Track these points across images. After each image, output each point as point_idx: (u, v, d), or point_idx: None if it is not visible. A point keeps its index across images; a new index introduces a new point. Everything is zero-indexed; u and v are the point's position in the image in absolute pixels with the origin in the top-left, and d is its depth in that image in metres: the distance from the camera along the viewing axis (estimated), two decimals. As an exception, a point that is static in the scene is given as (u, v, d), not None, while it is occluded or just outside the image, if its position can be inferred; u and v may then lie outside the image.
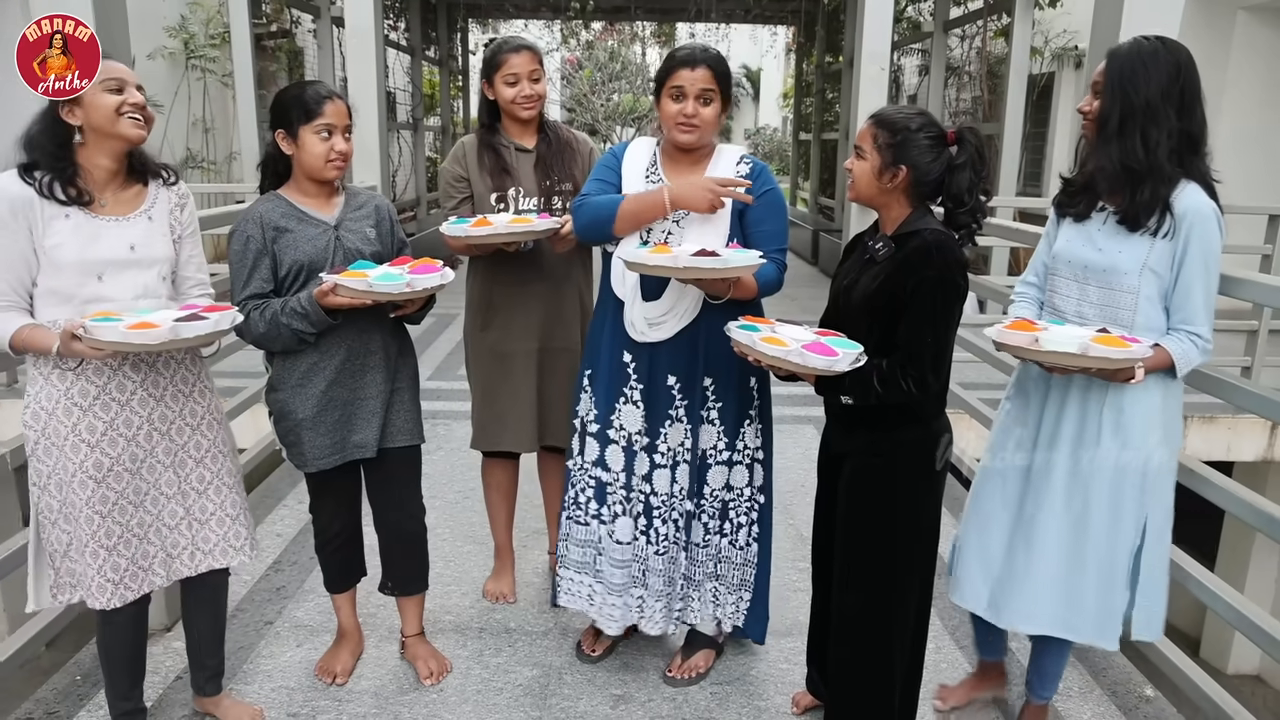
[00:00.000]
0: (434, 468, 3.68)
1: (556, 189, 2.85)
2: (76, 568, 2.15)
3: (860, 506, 2.19)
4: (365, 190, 2.60)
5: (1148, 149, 2.08)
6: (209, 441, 2.31)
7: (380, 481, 2.60)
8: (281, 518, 3.85)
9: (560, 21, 13.67)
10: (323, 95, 2.33)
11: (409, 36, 11.64)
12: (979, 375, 4.80)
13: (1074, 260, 2.23)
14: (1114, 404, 2.17)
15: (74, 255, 2.04)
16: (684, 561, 2.60)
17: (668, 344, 2.44)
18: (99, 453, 2.11)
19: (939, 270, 2.01)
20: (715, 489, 2.57)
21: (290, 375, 2.42)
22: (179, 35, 9.24)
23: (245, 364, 4.35)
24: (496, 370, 2.94)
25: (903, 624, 2.22)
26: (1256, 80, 8.16)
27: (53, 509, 2.12)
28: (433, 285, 2.27)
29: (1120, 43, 2.17)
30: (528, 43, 2.83)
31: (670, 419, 2.50)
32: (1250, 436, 5.57)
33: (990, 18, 8.89)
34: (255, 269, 2.35)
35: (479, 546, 3.53)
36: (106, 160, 2.09)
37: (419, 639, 2.78)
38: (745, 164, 2.48)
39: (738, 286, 2.32)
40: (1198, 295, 2.11)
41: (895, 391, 2.02)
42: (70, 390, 2.08)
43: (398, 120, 11.62)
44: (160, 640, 2.87)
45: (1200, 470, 2.61)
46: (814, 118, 12.64)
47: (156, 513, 2.23)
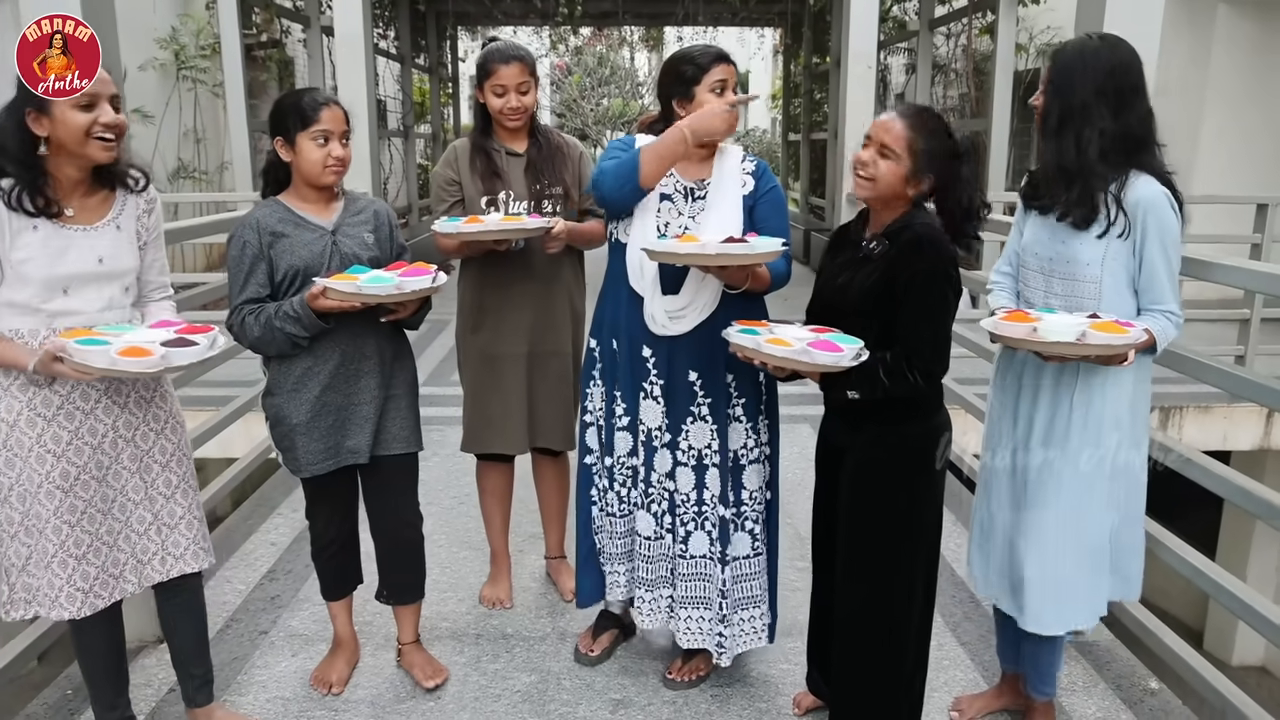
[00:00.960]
0: (429, 474, 3.65)
1: (546, 193, 2.85)
2: (34, 582, 2.11)
3: (864, 500, 2.19)
4: (365, 196, 2.59)
5: (1079, 148, 2.12)
6: (173, 445, 2.29)
7: (376, 488, 2.58)
8: (276, 526, 3.82)
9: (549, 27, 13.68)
10: (319, 102, 2.33)
11: (399, 44, 11.63)
12: (974, 370, 4.79)
13: (1039, 253, 2.28)
14: (1083, 397, 2.19)
15: (42, 270, 2.01)
16: (723, 578, 2.52)
17: (687, 339, 2.44)
18: (65, 462, 2.08)
19: (931, 262, 2.05)
20: (753, 490, 2.54)
21: (285, 380, 2.41)
22: (170, 46, 9.21)
23: (236, 373, 4.34)
24: (486, 372, 2.93)
25: (906, 618, 2.21)
26: (1237, 74, 8.20)
27: (13, 521, 2.08)
28: (421, 288, 2.25)
29: (1068, 40, 2.23)
30: (519, 52, 2.81)
31: (693, 415, 2.48)
32: (1246, 425, 5.60)
33: (975, 15, 8.90)
34: (252, 273, 2.34)
35: (475, 552, 3.50)
36: (73, 170, 2.06)
37: (415, 646, 2.75)
38: (750, 161, 2.53)
39: (754, 277, 2.36)
40: (1162, 275, 2.15)
41: (902, 384, 2.05)
42: (33, 400, 2.05)
43: (388, 128, 11.61)
44: (152, 652, 2.84)
45: (1198, 459, 2.59)
46: (803, 118, 12.65)
47: (125, 519, 2.20)
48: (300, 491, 4.06)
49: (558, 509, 3.25)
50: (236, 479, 3.79)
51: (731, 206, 2.46)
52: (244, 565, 3.47)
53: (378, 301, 2.24)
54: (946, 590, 3.27)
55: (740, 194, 2.48)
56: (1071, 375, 2.19)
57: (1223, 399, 5.36)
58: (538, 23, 12.91)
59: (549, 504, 3.25)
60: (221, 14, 7.59)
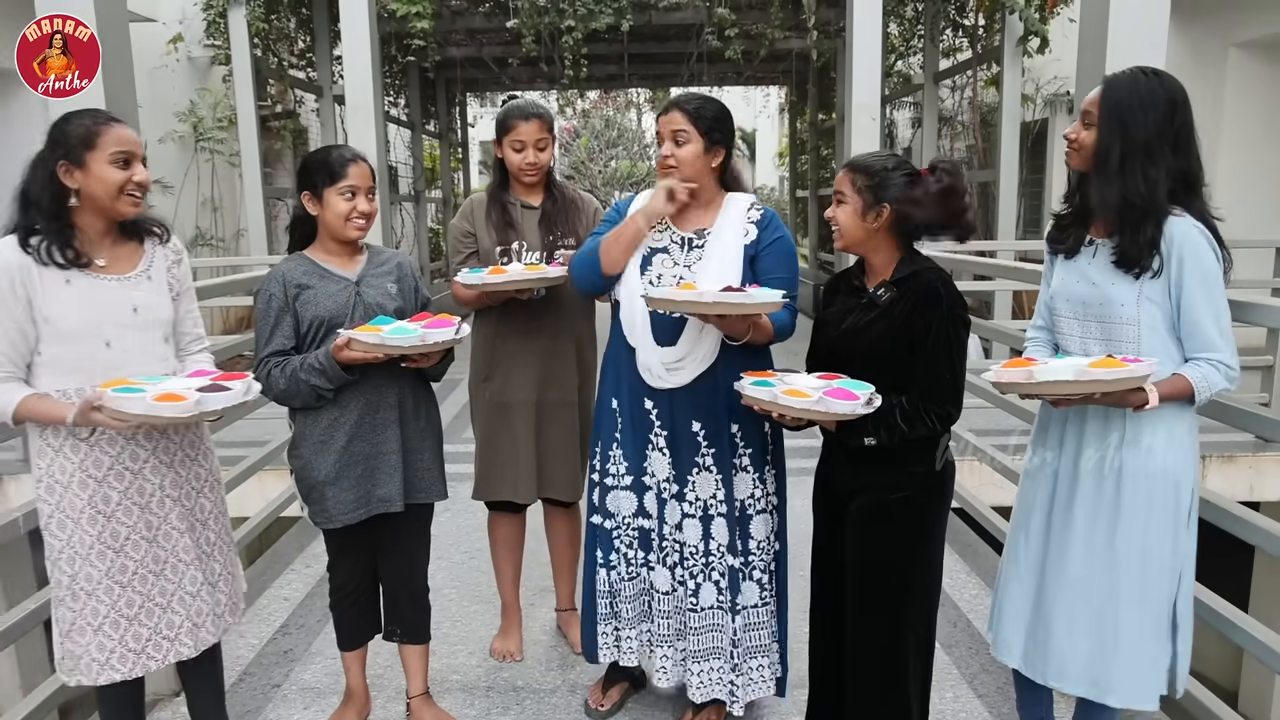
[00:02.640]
0: (441, 528, 3.65)
1: (560, 244, 2.88)
2: (77, 649, 2.11)
3: (876, 544, 2.18)
4: (389, 250, 2.63)
5: (1149, 187, 2.03)
6: (211, 504, 2.31)
7: (393, 535, 2.58)
8: (289, 582, 3.82)
9: (556, 91, 13.94)
10: (347, 158, 2.39)
11: (409, 111, 11.86)
12: (988, 422, 4.77)
13: (1071, 298, 2.20)
14: (1133, 439, 2.10)
15: (78, 323, 2.03)
16: (734, 627, 2.49)
17: (687, 390, 2.43)
18: (115, 522, 2.10)
19: (948, 307, 2.08)
20: (760, 540, 2.51)
21: (312, 433, 2.42)
22: (188, 119, 9.48)
23: (247, 433, 4.38)
24: (497, 420, 2.94)
25: (919, 660, 2.19)
26: (1253, 117, 8.20)
27: (61, 585, 2.09)
28: (445, 340, 2.27)
29: (1117, 72, 2.12)
30: (538, 110, 2.86)
31: (698, 467, 2.46)
32: (1274, 475, 5.31)
33: (980, 67, 9.03)
34: (277, 326, 2.38)
35: (486, 606, 3.49)
36: (98, 222, 2.10)
37: (425, 700, 2.73)
38: (756, 210, 2.49)
39: (756, 329, 2.34)
40: (1206, 319, 2.03)
41: (920, 428, 2.07)
42: (84, 462, 2.06)
43: (400, 193, 11.79)
44: (169, 705, 2.84)
45: (1229, 508, 2.50)
46: (810, 174, 12.78)
47: (178, 580, 2.20)
48: (312, 548, 4.11)
49: (569, 561, 3.22)
50: (250, 535, 3.80)
51: (731, 256, 2.43)
52: (258, 620, 3.47)
53: (401, 354, 2.26)
54: (963, 643, 3.22)
55: (741, 243, 2.44)
56: (1119, 420, 2.10)
57: (1246, 448, 5.22)
58: (545, 86, 13.15)
59: (560, 556, 3.23)
60: (237, 87, 7.81)
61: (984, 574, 3.73)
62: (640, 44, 10.04)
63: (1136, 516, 2.10)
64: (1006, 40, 7.93)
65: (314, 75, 9.54)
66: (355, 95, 6.09)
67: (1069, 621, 2.18)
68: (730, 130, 2.47)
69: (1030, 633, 2.27)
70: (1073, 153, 2.19)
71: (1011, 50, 7.95)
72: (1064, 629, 2.19)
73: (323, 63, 9.29)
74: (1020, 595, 2.31)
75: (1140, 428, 2.09)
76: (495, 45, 10.05)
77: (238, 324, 9.10)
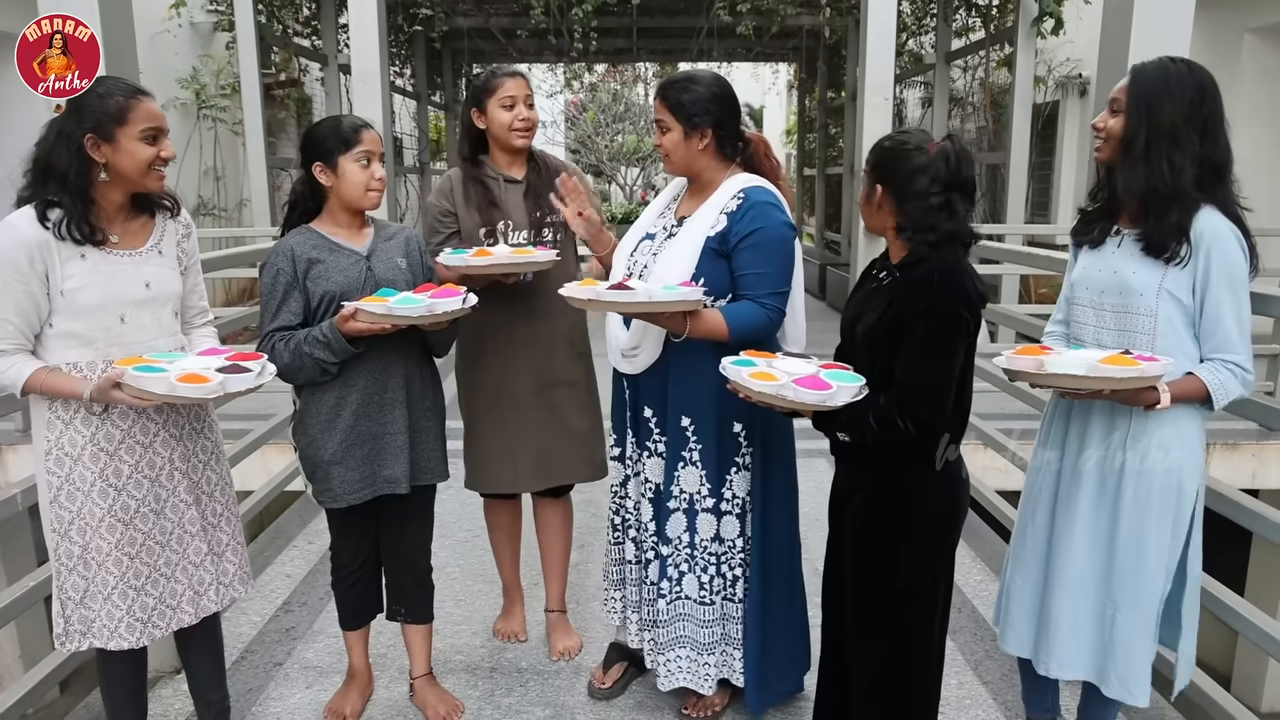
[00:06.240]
0: (444, 506, 3.62)
1: (546, 220, 2.77)
2: (91, 615, 2.11)
3: (870, 553, 2.07)
4: (393, 223, 2.59)
5: (1174, 173, 2.00)
6: (217, 475, 2.31)
7: (396, 516, 2.55)
8: (291, 559, 3.81)
9: (563, 64, 13.83)
10: (359, 125, 2.36)
11: (414, 82, 11.77)
12: (993, 406, 4.75)
13: (1090, 285, 2.17)
14: (1138, 437, 2.08)
15: (96, 297, 2.01)
16: (666, 609, 2.48)
17: (644, 377, 2.46)
18: (125, 495, 2.09)
19: (935, 301, 1.88)
20: (705, 539, 2.44)
21: (318, 411, 2.39)
22: (191, 86, 9.39)
23: (251, 407, 4.33)
24: (485, 410, 2.85)
25: (924, 674, 2.10)
26: (1268, 102, 8.12)
27: (72, 555, 2.08)
28: (453, 309, 2.25)
29: (1146, 61, 2.10)
30: (520, 69, 2.79)
31: (649, 451, 2.50)
32: (1276, 463, 5.39)
33: (992, 48, 8.93)
34: (285, 301, 2.34)
35: (489, 585, 3.47)
36: (118, 196, 2.08)
37: (428, 681, 2.71)
38: (736, 199, 2.34)
39: (703, 328, 2.23)
40: (1228, 320, 2.01)
41: (891, 431, 1.90)
42: (96, 435, 2.05)
43: (404, 164, 11.72)
44: (169, 683, 2.83)
45: (1228, 493, 2.51)
46: (818, 153, 12.69)
47: (183, 550, 2.20)
48: (315, 524, 4.09)
49: (560, 558, 3.06)
50: (253, 511, 3.78)
51: (685, 249, 2.32)
52: (259, 597, 3.45)
53: (408, 324, 2.22)
54: (968, 628, 3.21)
55: (704, 234, 2.31)
56: (1125, 414, 2.09)
57: (1250, 436, 5.24)
58: (552, 59, 13.06)
59: (549, 552, 3.05)
60: (241, 54, 7.72)
61: (989, 560, 3.72)
62: (650, 18, 9.93)
63: (1137, 515, 2.10)
64: (1021, 21, 7.84)
65: (319, 44, 9.43)
66: (361, 64, 6.03)
67: (1072, 616, 2.19)
68: (721, 107, 2.35)
69: (1036, 626, 2.28)
70: (1101, 144, 2.15)
71: (1025, 31, 7.85)
72: (1067, 624, 2.20)
73: (328, 31, 9.17)
74: (1027, 589, 2.31)
75: (1147, 426, 2.08)
76: (503, 16, 9.96)
77: (240, 296, 9.06)
